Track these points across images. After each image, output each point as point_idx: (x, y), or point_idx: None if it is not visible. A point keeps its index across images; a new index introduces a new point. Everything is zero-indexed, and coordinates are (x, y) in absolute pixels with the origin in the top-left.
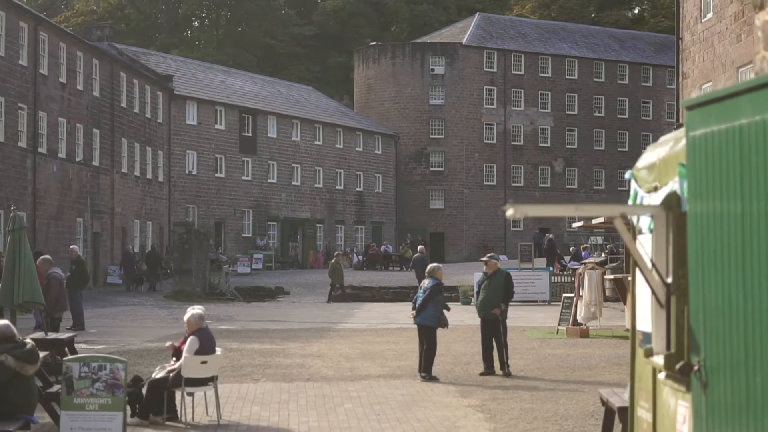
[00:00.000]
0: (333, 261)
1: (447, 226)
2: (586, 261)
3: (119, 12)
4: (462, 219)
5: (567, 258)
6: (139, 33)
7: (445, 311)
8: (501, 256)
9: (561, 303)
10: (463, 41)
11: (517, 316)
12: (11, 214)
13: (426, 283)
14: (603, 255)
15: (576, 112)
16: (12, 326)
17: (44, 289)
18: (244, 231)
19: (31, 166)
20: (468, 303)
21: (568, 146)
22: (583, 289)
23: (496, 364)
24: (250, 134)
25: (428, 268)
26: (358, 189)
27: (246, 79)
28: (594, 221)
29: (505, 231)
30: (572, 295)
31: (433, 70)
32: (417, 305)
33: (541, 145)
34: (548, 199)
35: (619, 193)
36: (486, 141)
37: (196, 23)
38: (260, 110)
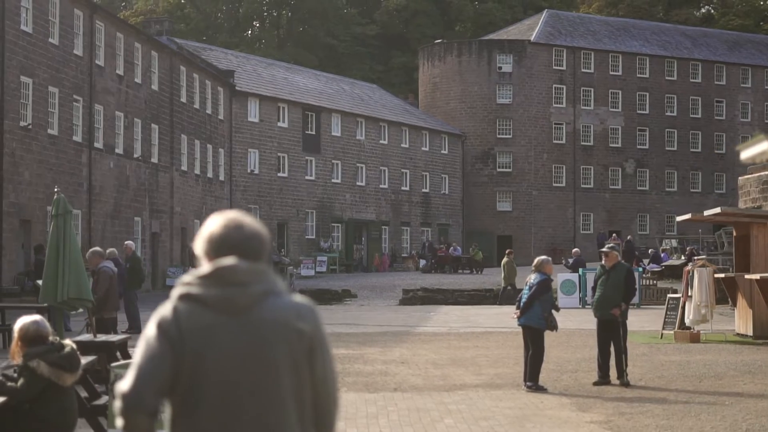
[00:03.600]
0: (506, 260)
1: (515, 229)
2: (666, 263)
3: (179, 11)
4: (530, 221)
5: (645, 261)
6: (198, 33)
7: (553, 311)
8: (570, 259)
9: (666, 304)
10: (531, 38)
11: None
12: (54, 197)
13: (532, 278)
14: (683, 257)
15: (647, 112)
16: (46, 325)
17: (93, 284)
18: (308, 233)
19: (86, 161)
20: None
21: (639, 147)
22: (692, 289)
23: (611, 372)
24: (313, 132)
25: (536, 261)
26: (424, 190)
27: (309, 76)
28: (706, 213)
29: (575, 234)
30: (679, 295)
31: (500, 68)
32: (521, 304)
33: (611, 145)
34: (619, 201)
35: (692, 195)
36: (555, 141)
37: (256, 23)
38: (324, 108)
